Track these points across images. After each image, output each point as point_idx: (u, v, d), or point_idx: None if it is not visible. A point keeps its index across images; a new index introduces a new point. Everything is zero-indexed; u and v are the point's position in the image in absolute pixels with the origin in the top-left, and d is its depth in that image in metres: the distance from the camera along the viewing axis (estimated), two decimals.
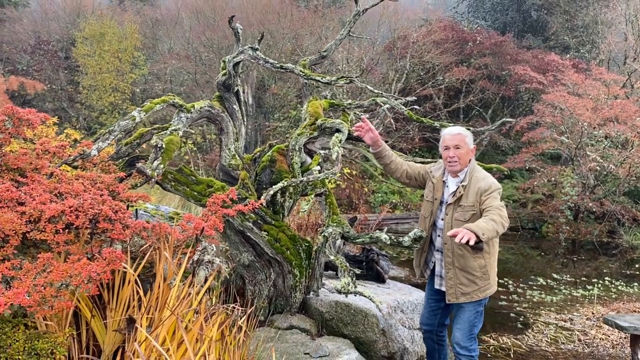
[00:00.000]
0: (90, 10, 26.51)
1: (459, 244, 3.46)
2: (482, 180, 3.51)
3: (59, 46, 25.62)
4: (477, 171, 3.60)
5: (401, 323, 4.50)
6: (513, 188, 16.47)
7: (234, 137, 4.67)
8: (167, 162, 3.94)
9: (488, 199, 3.41)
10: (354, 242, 4.21)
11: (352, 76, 4.72)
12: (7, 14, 27.59)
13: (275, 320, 4.38)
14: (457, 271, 3.55)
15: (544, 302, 8.02)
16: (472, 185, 3.51)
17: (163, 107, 4.10)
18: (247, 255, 4.38)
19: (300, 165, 4.63)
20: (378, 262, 5.55)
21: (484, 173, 3.62)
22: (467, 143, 3.60)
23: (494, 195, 3.42)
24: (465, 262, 3.51)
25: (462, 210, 3.51)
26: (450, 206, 3.58)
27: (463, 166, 3.58)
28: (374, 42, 19.64)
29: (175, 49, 22.98)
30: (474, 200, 3.47)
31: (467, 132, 3.67)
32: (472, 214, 3.47)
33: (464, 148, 3.57)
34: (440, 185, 3.70)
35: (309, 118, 4.71)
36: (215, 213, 3.61)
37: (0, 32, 26.52)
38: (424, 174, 3.88)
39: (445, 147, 3.62)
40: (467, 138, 3.61)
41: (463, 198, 3.52)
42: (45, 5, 29.62)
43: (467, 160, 3.60)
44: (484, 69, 18.53)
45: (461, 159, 3.56)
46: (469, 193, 3.50)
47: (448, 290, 3.61)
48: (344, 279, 3.51)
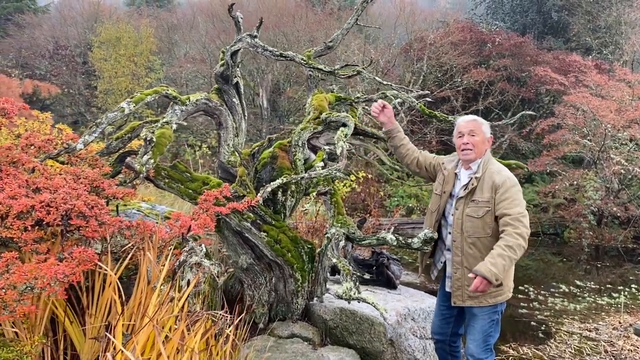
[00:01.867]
0: (108, 15, 26.66)
1: (470, 241, 3.16)
2: (497, 173, 3.19)
3: (76, 51, 25.77)
4: (492, 163, 3.28)
5: (412, 332, 4.16)
6: (534, 192, 15.98)
7: (233, 133, 4.39)
8: (159, 156, 3.67)
9: (504, 201, 3.08)
10: (359, 244, 3.90)
11: (357, 65, 4.41)
12: (27, 20, 27.86)
13: (275, 327, 4.07)
14: (465, 272, 3.21)
15: (566, 310, 7.60)
16: (487, 179, 3.19)
17: (155, 98, 3.84)
18: (246, 257, 4.08)
19: (303, 162, 4.33)
20: (389, 267, 5.22)
21: (500, 166, 3.30)
22: (483, 131, 3.31)
23: (511, 195, 3.09)
24: (475, 262, 3.16)
25: (475, 206, 3.18)
26: (462, 200, 3.25)
27: (478, 155, 3.27)
28: (390, 44, 19.34)
29: (190, 53, 22.91)
30: (490, 196, 3.15)
31: (484, 121, 3.37)
32: (486, 210, 3.14)
33: (479, 135, 3.27)
34: (452, 177, 3.38)
35: (313, 112, 4.41)
36: (207, 211, 3.33)
37: (20, 37, 26.80)
38: (435, 165, 3.58)
39: (460, 134, 3.33)
40: (483, 126, 3.33)
41: (477, 192, 3.20)
42: (64, 11, 29.91)
43: (483, 150, 3.29)
44: (503, 71, 18.08)
45: (476, 147, 3.26)
46: (484, 187, 3.18)
47: (454, 292, 3.28)
48: (346, 284, 3.19)
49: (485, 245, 3.14)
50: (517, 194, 3.11)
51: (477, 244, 3.17)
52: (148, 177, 3.90)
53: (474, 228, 3.16)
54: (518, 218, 2.99)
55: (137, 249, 3.04)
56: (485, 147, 3.30)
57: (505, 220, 3.02)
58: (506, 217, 3.02)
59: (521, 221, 2.99)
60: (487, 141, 3.31)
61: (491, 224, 3.13)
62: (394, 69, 18.96)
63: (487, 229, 3.14)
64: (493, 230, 3.13)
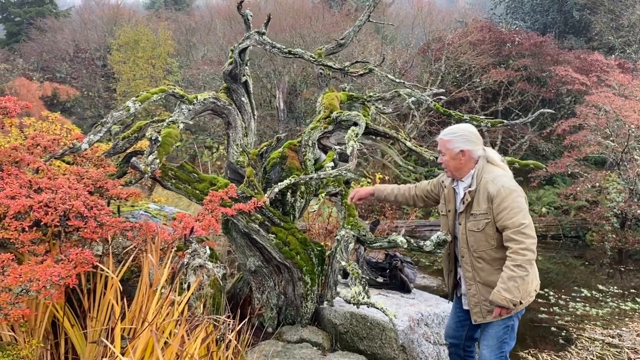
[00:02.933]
0: (127, 18, 26.89)
1: (477, 255, 3.07)
2: (491, 183, 3.01)
3: (96, 55, 26.05)
4: (487, 172, 3.08)
5: (425, 338, 4.02)
6: (555, 194, 15.66)
7: (242, 132, 4.30)
8: (164, 156, 3.59)
9: (502, 212, 2.94)
10: (370, 247, 3.78)
11: (369, 62, 4.29)
12: (49, 24, 28.27)
13: (284, 332, 3.98)
14: (479, 287, 3.09)
15: (588, 315, 7.36)
16: (482, 190, 3.04)
17: (161, 97, 3.77)
18: (254, 260, 3.99)
19: (314, 162, 4.23)
20: (402, 270, 5.08)
21: (495, 173, 3.07)
22: (450, 148, 3.13)
23: (508, 204, 2.92)
24: (487, 275, 3.05)
25: (474, 220, 3.06)
26: (462, 215, 3.14)
27: (455, 171, 3.16)
28: (407, 45, 19.16)
29: (208, 55, 22.99)
30: (487, 207, 3.01)
31: (452, 136, 3.15)
32: (485, 222, 3.01)
33: (447, 154, 3.15)
34: (452, 193, 3.27)
35: (323, 111, 4.31)
36: (212, 212, 3.24)
37: (41, 41, 27.19)
38: (433, 188, 3.48)
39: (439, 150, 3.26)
40: (449, 143, 3.14)
41: (474, 205, 3.07)
42: (84, 15, 30.29)
43: (458, 166, 3.13)
44: (523, 71, 17.75)
45: (447, 167, 3.17)
46: (480, 199, 3.05)
47: (472, 309, 3.14)
48: (354, 288, 3.07)
49: (493, 257, 3.03)
50: (516, 202, 2.93)
51: (484, 257, 3.06)
52: (155, 177, 3.83)
53: (478, 242, 3.05)
54: (520, 230, 2.86)
55: (139, 250, 2.96)
56: (461, 161, 3.12)
57: (508, 235, 2.90)
58: (507, 231, 2.90)
59: (524, 233, 2.86)
60: (458, 156, 3.12)
61: (494, 235, 3.01)
62: (411, 70, 18.79)
63: (491, 240, 3.02)
64: (497, 241, 3.00)
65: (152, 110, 19.21)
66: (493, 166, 3.14)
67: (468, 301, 3.18)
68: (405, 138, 4.22)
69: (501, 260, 2.98)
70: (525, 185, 16.94)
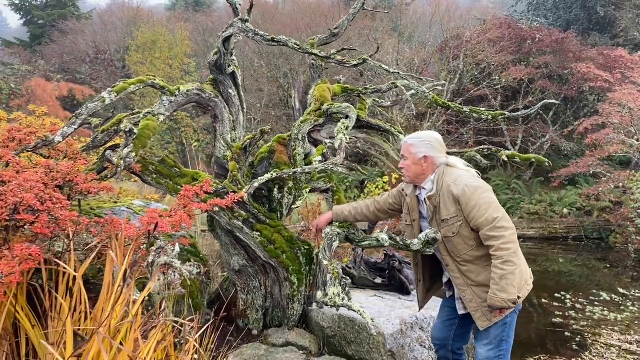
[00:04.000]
0: (147, 19, 27.06)
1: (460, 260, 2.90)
2: (454, 184, 2.86)
3: (117, 56, 26.28)
4: (447, 175, 2.93)
5: (419, 343, 3.78)
6: (576, 195, 15.20)
7: (230, 126, 4.12)
8: (141, 149, 3.43)
9: (472, 211, 2.78)
10: (358, 245, 3.55)
11: (356, 48, 4.07)
12: (70, 27, 28.63)
13: (270, 335, 3.78)
14: (474, 290, 2.89)
15: (606, 320, 7.01)
16: (446, 193, 2.88)
17: (139, 87, 3.61)
18: (238, 259, 3.80)
19: (304, 157, 4.03)
20: (402, 271, 4.84)
21: (456, 174, 2.92)
22: (412, 152, 3.00)
23: (476, 202, 2.77)
24: (478, 275, 2.86)
25: (447, 225, 2.88)
26: (433, 222, 2.96)
27: (414, 178, 3.02)
28: (425, 43, 18.85)
29: None
30: (456, 209, 2.84)
31: (416, 141, 3.02)
32: (458, 225, 2.84)
33: (409, 159, 3.01)
34: (415, 202, 3.09)
35: (314, 103, 4.11)
36: (185, 207, 3.06)
37: (63, 43, 27.55)
38: (395, 195, 3.31)
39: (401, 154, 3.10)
40: (412, 147, 3.01)
41: (442, 210, 2.89)
42: (105, 17, 30.60)
43: (419, 172, 3.00)
44: (544, 68, 17.27)
45: (408, 170, 3.03)
46: (446, 202, 2.87)
47: (475, 315, 2.93)
48: (332, 289, 2.86)
49: (477, 257, 2.85)
50: (482, 198, 2.77)
51: (468, 259, 2.88)
52: (135, 172, 3.68)
53: (457, 246, 2.88)
54: (495, 225, 2.70)
55: (103, 247, 2.79)
56: (423, 167, 2.99)
57: (485, 234, 2.74)
58: (483, 230, 2.74)
59: (500, 226, 2.70)
60: (420, 161, 2.99)
61: (470, 235, 2.83)
62: (429, 68, 18.46)
63: (469, 242, 2.85)
64: (476, 240, 2.83)
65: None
66: (453, 168, 3.00)
67: (467, 307, 2.97)
68: (400, 132, 3.98)
69: (486, 257, 2.80)
70: (546, 185, 16.49)
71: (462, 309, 3.04)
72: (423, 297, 3.31)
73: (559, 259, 12.13)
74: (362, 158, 18.42)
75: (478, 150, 3.98)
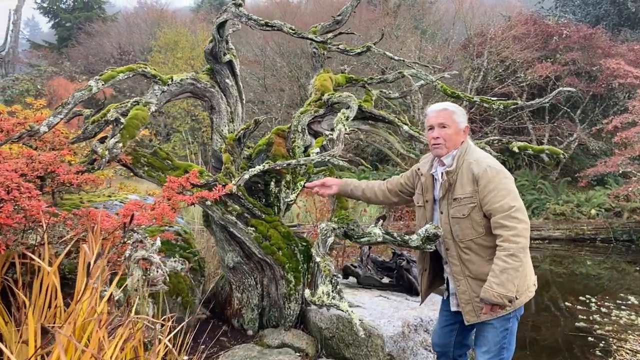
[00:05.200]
0: (170, 20, 27.26)
1: (463, 245, 2.64)
2: (476, 163, 2.63)
3: (141, 57, 26.51)
4: (470, 153, 2.71)
5: (423, 346, 3.55)
6: (605, 195, 14.68)
7: (228, 117, 3.96)
8: (129, 140, 3.28)
9: (489, 194, 2.54)
10: (357, 242, 3.34)
11: (354, 32, 3.87)
12: (96, 29, 29.03)
13: (265, 335, 3.59)
14: (469, 282, 2.64)
15: (633, 324, 6.64)
16: (465, 171, 2.64)
17: (129, 76, 3.46)
18: (233, 255, 3.63)
19: (303, 150, 3.84)
20: (410, 270, 4.61)
21: (479, 154, 2.72)
22: (456, 121, 2.75)
23: (496, 185, 2.54)
24: (478, 267, 2.61)
25: (458, 205, 2.63)
26: (443, 202, 2.71)
27: (450, 149, 2.74)
28: (448, 40, 18.49)
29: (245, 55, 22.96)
30: (472, 189, 2.60)
31: (457, 108, 2.80)
32: (471, 207, 2.60)
33: (451, 127, 2.73)
34: (430, 181, 2.83)
35: (314, 93, 3.92)
36: (170, 200, 2.90)
37: (89, 45, 27.93)
38: (409, 176, 3.04)
39: (430, 126, 2.80)
40: (455, 115, 2.76)
41: (457, 188, 2.64)
42: (130, 19, 30.94)
43: (457, 143, 2.74)
44: (571, 65, 16.76)
45: (448, 141, 2.73)
46: (464, 181, 2.64)
47: (464, 309, 2.69)
48: (322, 287, 2.66)
49: (482, 246, 2.60)
50: (504, 183, 2.54)
51: (472, 247, 2.62)
52: (125, 164, 3.54)
53: (463, 230, 2.63)
54: (510, 214, 2.46)
55: (78, 240, 2.64)
56: (460, 138, 2.75)
57: (497, 221, 2.50)
58: (496, 217, 2.50)
59: (515, 217, 2.46)
60: (462, 132, 2.76)
61: (481, 221, 2.59)
62: (452, 66, 18.10)
63: (478, 227, 2.60)
64: (485, 227, 2.59)
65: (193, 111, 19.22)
66: (476, 147, 2.81)
67: (459, 300, 2.73)
68: (405, 122, 3.77)
69: (492, 250, 2.56)
70: (573, 185, 15.99)
71: (456, 305, 2.80)
72: (426, 289, 3.05)
73: (587, 261, 11.71)
74: (383, 157, 18.13)
75: (488, 141, 3.74)
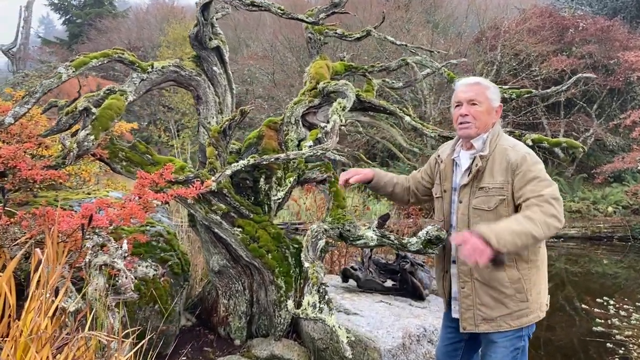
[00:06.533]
0: (180, 17, 27.08)
1: None
2: (512, 149, 2.27)
3: (151, 53, 26.35)
4: (503, 139, 2.36)
5: (426, 359, 3.23)
6: (623, 192, 14.21)
7: (216, 108, 3.66)
8: (103, 132, 2.99)
9: (529, 183, 2.18)
10: (353, 244, 3.03)
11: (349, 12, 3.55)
12: (106, 25, 28.99)
13: (254, 345, 3.30)
14: (476, 285, 2.30)
15: None
16: (498, 157, 2.27)
17: (103, 62, 3.18)
18: (218, 258, 3.33)
19: (297, 143, 3.54)
20: (415, 274, 4.28)
21: (514, 140, 2.38)
22: (489, 98, 2.37)
23: (537, 174, 2.19)
24: (490, 271, 2.25)
25: (485, 195, 2.26)
26: (466, 189, 2.33)
27: (481, 130, 2.35)
28: (461, 34, 18.07)
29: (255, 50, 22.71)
30: (504, 180, 2.23)
31: (491, 84, 2.42)
32: (500, 199, 2.22)
33: (483, 104, 2.35)
34: (450, 168, 2.47)
35: (309, 82, 3.61)
36: (141, 198, 2.61)
37: (99, 41, 27.85)
38: (426, 169, 2.69)
39: (457, 103, 2.41)
40: (488, 91, 2.38)
41: (486, 176, 2.27)
42: (140, 15, 30.83)
43: (489, 124, 2.37)
44: (588, 58, 16.26)
45: (478, 119, 2.34)
46: (494, 168, 2.27)
47: (463, 315, 2.36)
48: (308, 297, 2.35)
49: None
50: (544, 173, 2.21)
51: None
52: (102, 158, 3.25)
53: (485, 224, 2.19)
54: (548, 200, 2.10)
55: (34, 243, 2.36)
56: (493, 119, 2.39)
57: (531, 201, 2.13)
58: (533, 199, 2.13)
59: (552, 203, 2.10)
60: (494, 111, 2.39)
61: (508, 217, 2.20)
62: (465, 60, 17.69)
63: None
64: None
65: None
66: (508, 136, 2.43)
67: (460, 304, 2.39)
68: (407, 113, 3.44)
69: (500, 265, 2.17)
70: (590, 182, 15.53)
71: (457, 311, 2.45)
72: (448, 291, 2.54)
73: (603, 260, 11.30)
74: (394, 154, 17.76)
75: None
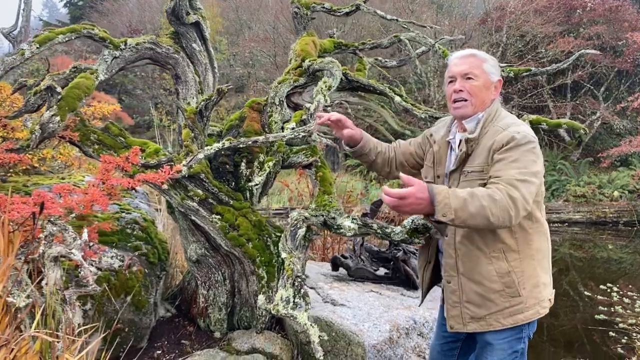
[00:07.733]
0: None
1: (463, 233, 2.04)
2: (504, 130, 1.97)
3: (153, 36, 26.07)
4: (499, 119, 2.06)
5: (416, 353, 3.05)
6: (629, 176, 13.97)
7: (196, 88, 3.45)
8: (69, 113, 2.80)
9: (499, 162, 1.91)
10: (337, 233, 2.83)
11: None
12: (107, 7, 28.71)
13: (234, 338, 3.13)
14: (462, 281, 2.08)
15: None
16: (487, 139, 2.00)
17: (70, 39, 2.98)
18: (197, 247, 3.15)
19: (282, 126, 3.33)
20: (408, 262, 4.10)
21: (511, 119, 2.06)
22: (487, 71, 2.08)
23: (512, 154, 1.89)
24: (475, 265, 2.03)
25: (465, 180, 2.02)
26: (455, 175, 2.10)
27: (477, 108, 2.07)
28: (465, 15, 17.72)
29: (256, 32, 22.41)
30: (484, 161, 1.98)
31: (488, 56, 2.13)
32: (480, 184, 1.95)
33: (480, 78, 2.06)
34: (444, 150, 2.20)
35: (294, 59, 3.39)
36: (104, 183, 2.42)
37: (100, 23, 27.51)
38: (420, 143, 2.40)
39: (450, 78, 2.13)
40: (485, 63, 2.09)
41: (469, 159, 2.04)
42: None
43: (486, 100, 2.09)
44: (595, 40, 15.93)
45: (474, 96, 2.06)
46: (477, 151, 2.02)
47: (449, 312, 2.15)
48: (281, 291, 2.17)
49: (485, 240, 2.01)
50: (524, 155, 1.89)
51: (474, 238, 2.02)
52: (72, 141, 3.06)
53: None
54: (511, 181, 1.82)
55: None
56: (491, 95, 2.10)
57: (492, 182, 1.87)
58: (494, 179, 1.86)
59: (515, 185, 1.81)
60: (493, 86, 2.11)
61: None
62: (470, 42, 17.35)
63: None
64: None
65: None
66: (509, 113, 2.13)
67: (446, 300, 2.19)
68: (398, 93, 3.23)
69: (497, 246, 2.00)
70: (595, 166, 15.27)
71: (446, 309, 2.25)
72: (428, 285, 2.38)
73: (608, 245, 11.12)
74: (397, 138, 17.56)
75: None
